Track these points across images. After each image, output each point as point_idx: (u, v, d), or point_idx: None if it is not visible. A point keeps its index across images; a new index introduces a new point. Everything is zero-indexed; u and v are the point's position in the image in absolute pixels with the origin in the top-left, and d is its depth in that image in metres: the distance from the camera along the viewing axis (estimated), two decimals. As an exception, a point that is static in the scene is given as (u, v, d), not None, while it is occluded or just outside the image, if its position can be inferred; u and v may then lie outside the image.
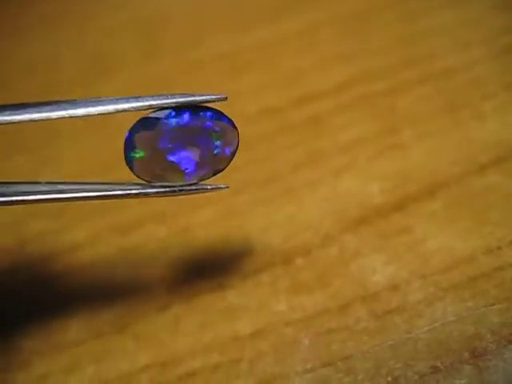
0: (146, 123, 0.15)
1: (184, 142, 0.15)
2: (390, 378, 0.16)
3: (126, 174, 0.15)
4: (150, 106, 0.14)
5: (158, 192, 0.15)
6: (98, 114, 0.14)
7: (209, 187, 0.16)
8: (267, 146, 0.22)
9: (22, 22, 0.30)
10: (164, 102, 0.14)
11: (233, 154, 0.15)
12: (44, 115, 0.14)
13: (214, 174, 0.16)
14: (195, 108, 0.15)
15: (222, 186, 0.16)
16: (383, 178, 0.20)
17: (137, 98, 0.14)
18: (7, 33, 0.29)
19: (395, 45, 0.24)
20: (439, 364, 0.16)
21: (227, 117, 0.15)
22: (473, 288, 0.17)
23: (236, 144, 0.15)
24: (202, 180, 0.16)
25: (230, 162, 0.16)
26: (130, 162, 0.15)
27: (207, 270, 0.20)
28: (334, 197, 0.20)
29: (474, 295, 0.17)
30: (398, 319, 0.17)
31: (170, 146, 0.15)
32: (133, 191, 0.15)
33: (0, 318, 0.20)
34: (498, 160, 0.20)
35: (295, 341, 0.18)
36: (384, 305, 0.18)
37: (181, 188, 0.15)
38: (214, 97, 0.15)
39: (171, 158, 0.15)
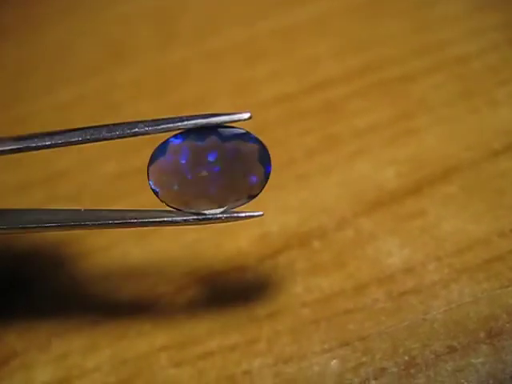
0: (164, 149, 0.14)
1: (211, 166, 0.14)
2: (407, 358, 0.17)
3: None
4: (167, 128, 0.14)
5: (186, 220, 0.14)
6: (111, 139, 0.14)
7: (242, 215, 0.14)
8: (282, 131, 0.22)
9: (37, 11, 0.30)
10: (182, 124, 0.14)
11: (266, 178, 0.14)
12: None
13: (249, 200, 0.15)
14: (217, 129, 0.14)
15: (257, 213, 0.15)
16: (398, 162, 0.20)
17: (156, 121, 0.14)
18: (23, 21, 0.29)
19: (409, 32, 0.24)
20: (456, 344, 0.16)
21: (255, 137, 0.14)
22: (487, 270, 0.18)
23: (268, 167, 0.14)
24: (235, 206, 0.15)
25: (263, 186, 0.14)
26: (154, 189, 0.14)
27: (224, 252, 0.20)
28: (348, 181, 0.21)
29: (488, 277, 0.17)
30: (414, 300, 0.17)
31: (195, 171, 0.14)
32: (161, 219, 0.14)
33: (20, 300, 0.20)
34: (510, 146, 0.20)
35: (312, 321, 0.18)
36: (400, 286, 0.18)
37: (211, 216, 0.14)
38: (236, 116, 0.14)
39: (198, 185, 0.14)
